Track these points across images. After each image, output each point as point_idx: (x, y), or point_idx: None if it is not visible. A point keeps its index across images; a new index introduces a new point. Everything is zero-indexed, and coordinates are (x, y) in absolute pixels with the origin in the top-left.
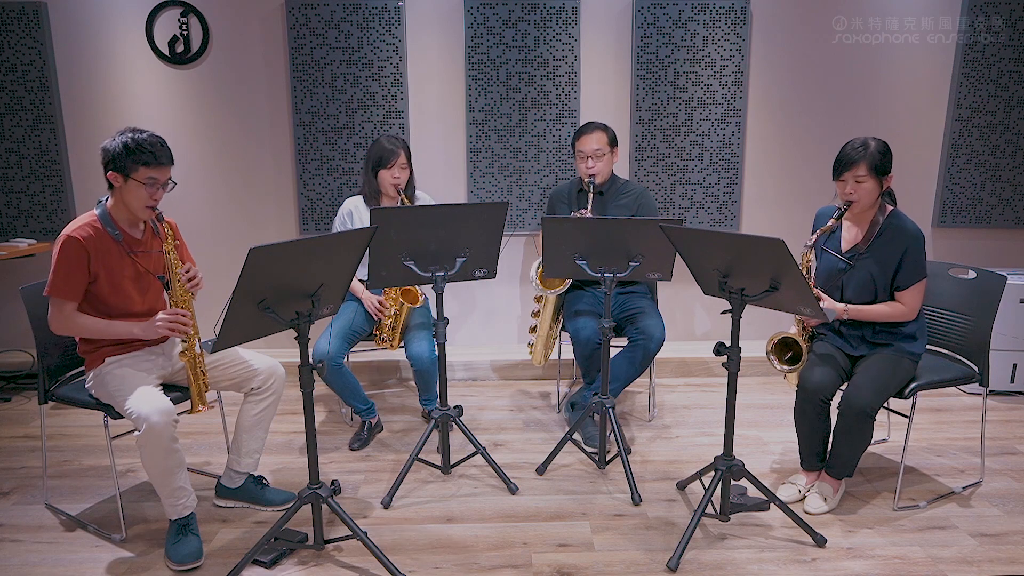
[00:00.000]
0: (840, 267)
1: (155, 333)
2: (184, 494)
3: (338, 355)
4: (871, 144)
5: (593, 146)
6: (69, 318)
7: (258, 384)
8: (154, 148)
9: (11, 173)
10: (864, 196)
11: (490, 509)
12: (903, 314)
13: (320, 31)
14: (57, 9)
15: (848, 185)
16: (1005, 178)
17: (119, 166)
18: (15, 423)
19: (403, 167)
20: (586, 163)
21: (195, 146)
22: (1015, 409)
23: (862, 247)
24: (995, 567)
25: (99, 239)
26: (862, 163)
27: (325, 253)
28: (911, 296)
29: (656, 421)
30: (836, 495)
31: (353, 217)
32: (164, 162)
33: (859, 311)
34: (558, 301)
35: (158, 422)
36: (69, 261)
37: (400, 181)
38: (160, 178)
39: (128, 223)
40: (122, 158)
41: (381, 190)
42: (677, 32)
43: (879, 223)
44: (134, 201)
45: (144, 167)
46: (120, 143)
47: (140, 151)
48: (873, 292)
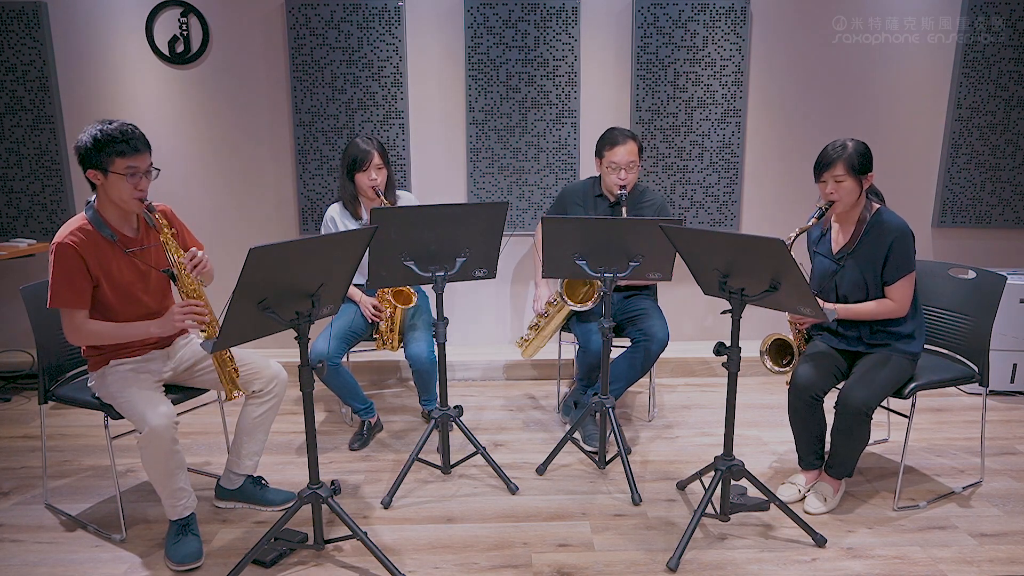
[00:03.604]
0: (832, 269)
1: (172, 328)
2: (184, 495)
3: (336, 355)
4: (849, 145)
5: (627, 158)
6: (83, 328)
7: (260, 387)
8: (125, 136)
9: (11, 173)
10: (844, 195)
11: (490, 509)
12: (893, 310)
13: (320, 31)
14: (57, 9)
15: (828, 185)
16: (1005, 178)
17: (94, 162)
18: (15, 423)
19: (379, 167)
20: (618, 175)
21: (195, 146)
22: (1015, 409)
23: (849, 247)
24: (995, 567)
25: (93, 242)
26: (839, 163)
27: (325, 253)
28: (899, 291)
29: (656, 421)
30: (836, 495)
31: (337, 224)
32: (140, 148)
33: (848, 310)
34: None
35: (159, 424)
36: (66, 268)
37: (377, 182)
38: (140, 166)
39: (120, 221)
40: (95, 153)
41: (360, 194)
42: (677, 32)
43: (865, 221)
44: (120, 195)
45: (120, 157)
46: (89, 137)
47: (112, 142)
48: (865, 291)
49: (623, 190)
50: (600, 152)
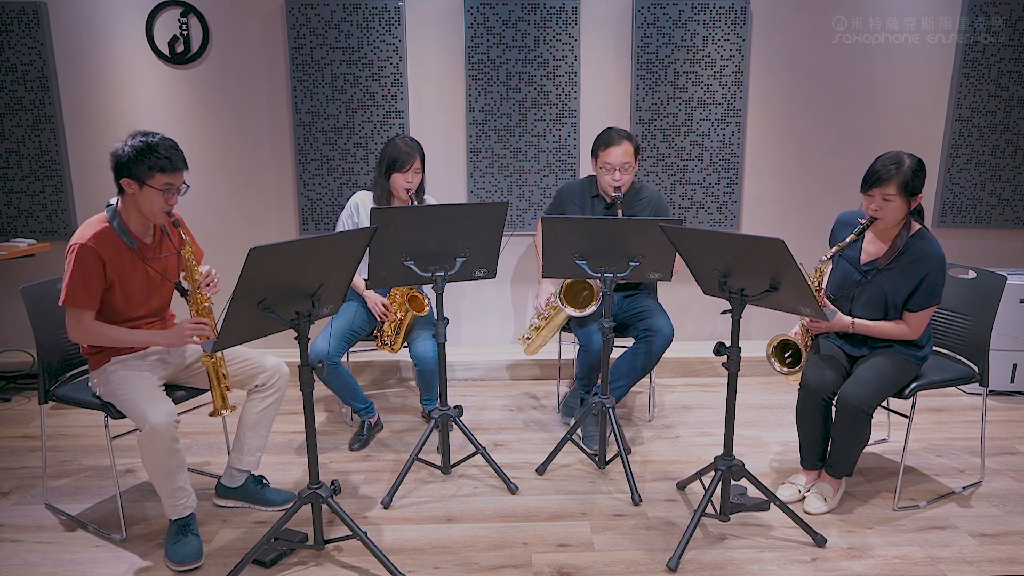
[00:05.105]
0: (856, 279)
1: (180, 341)
2: (184, 494)
3: (336, 354)
4: (905, 162)
5: (621, 159)
6: (89, 328)
7: (262, 381)
8: (169, 153)
9: (11, 173)
10: (890, 215)
11: (490, 509)
12: (906, 334)
13: (320, 31)
14: (57, 9)
15: (875, 201)
16: (1005, 178)
17: (133, 173)
18: (15, 423)
19: (417, 171)
20: (612, 175)
21: (195, 146)
22: (1015, 409)
23: (882, 263)
24: (995, 567)
25: (113, 247)
26: (892, 182)
27: (325, 253)
28: (920, 319)
29: (656, 421)
30: (836, 495)
31: (360, 211)
32: (180, 167)
33: (866, 327)
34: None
35: (159, 423)
36: (85, 270)
37: (412, 185)
38: (176, 183)
39: (141, 229)
40: (135, 164)
41: (393, 192)
42: (677, 32)
43: (904, 239)
44: (151, 207)
45: (160, 173)
46: (132, 148)
47: (155, 157)
48: (884, 309)
49: (618, 192)
50: (595, 152)
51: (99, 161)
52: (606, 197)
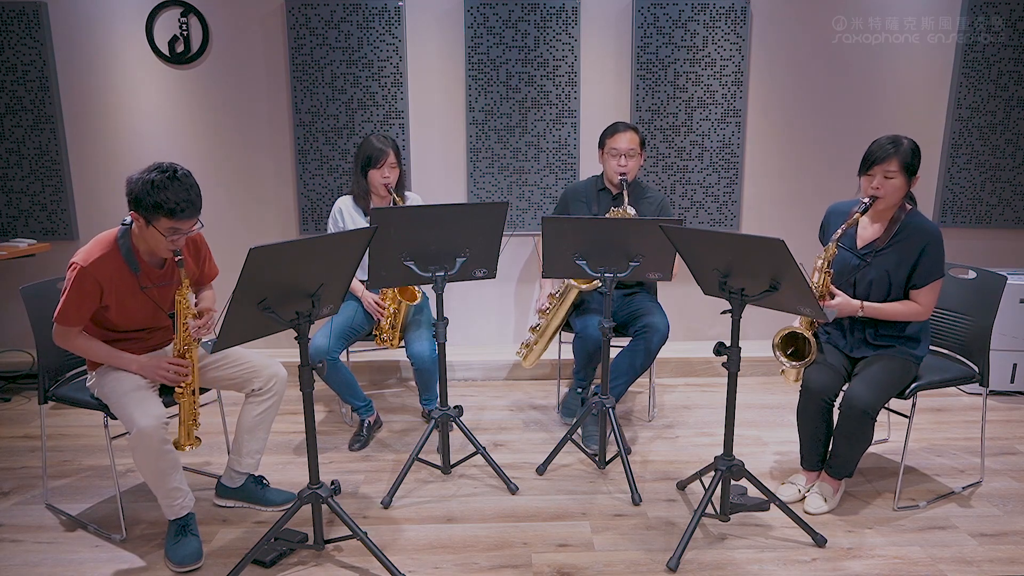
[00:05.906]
0: (854, 263)
1: (154, 376)
2: (180, 494)
3: (335, 350)
4: (904, 141)
5: (628, 145)
6: (73, 340)
7: (259, 385)
8: (179, 199)
9: (11, 173)
10: (891, 193)
11: (490, 509)
12: (918, 313)
13: (320, 31)
14: (57, 9)
15: (876, 180)
16: (1005, 178)
17: (140, 210)
18: (15, 423)
19: (392, 166)
20: (619, 160)
21: (195, 146)
22: (1015, 409)
23: (880, 244)
24: (995, 567)
25: (116, 271)
26: (894, 159)
27: (325, 253)
28: (927, 295)
29: (656, 421)
30: (836, 495)
31: (344, 216)
32: (189, 215)
33: (875, 309)
34: (577, 297)
35: (146, 425)
36: (81, 293)
37: (390, 180)
38: (184, 228)
39: (148, 255)
40: (142, 203)
41: (371, 190)
42: (677, 32)
43: (899, 220)
44: (155, 244)
45: (167, 218)
46: (143, 185)
47: (164, 200)
48: (887, 290)
49: (623, 176)
50: (602, 142)
51: (99, 161)
52: (611, 188)
